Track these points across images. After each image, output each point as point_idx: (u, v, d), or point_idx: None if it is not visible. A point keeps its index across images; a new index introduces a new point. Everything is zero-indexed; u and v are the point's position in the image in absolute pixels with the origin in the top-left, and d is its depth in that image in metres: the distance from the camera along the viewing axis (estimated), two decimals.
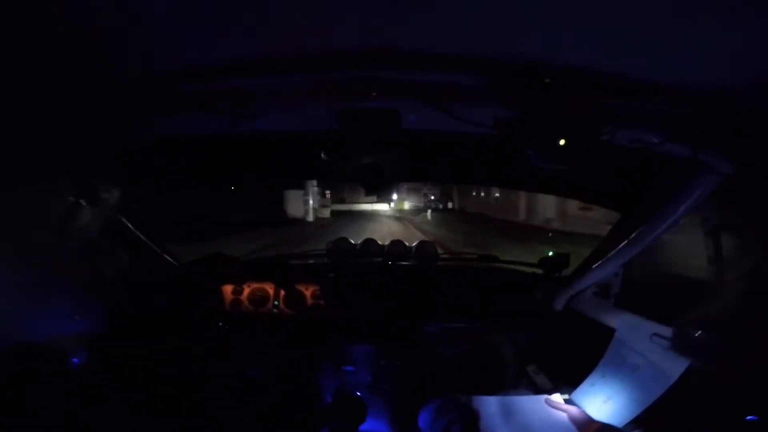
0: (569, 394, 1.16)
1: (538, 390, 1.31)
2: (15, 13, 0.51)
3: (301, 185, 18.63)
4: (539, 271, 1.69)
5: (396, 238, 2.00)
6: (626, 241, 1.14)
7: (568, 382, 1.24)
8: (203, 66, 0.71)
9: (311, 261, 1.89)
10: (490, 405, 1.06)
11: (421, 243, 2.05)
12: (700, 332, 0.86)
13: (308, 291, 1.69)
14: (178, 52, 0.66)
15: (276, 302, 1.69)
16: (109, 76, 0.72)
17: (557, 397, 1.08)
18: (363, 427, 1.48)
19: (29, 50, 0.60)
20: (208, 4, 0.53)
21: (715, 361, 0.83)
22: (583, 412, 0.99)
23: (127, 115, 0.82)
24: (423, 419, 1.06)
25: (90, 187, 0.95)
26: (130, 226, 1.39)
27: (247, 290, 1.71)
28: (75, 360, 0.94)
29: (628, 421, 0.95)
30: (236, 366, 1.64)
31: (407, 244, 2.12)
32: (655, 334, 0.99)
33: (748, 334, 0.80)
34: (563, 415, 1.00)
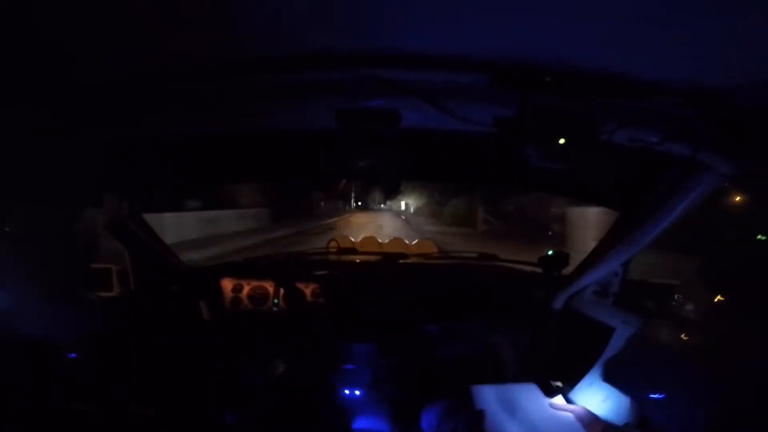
0: (569, 393, 1.16)
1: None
2: (15, 12, 0.51)
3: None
4: (538, 270, 1.69)
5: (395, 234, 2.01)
6: (626, 241, 1.14)
7: (568, 380, 1.24)
8: (204, 66, 0.71)
9: (311, 259, 1.89)
10: (495, 405, 1.06)
11: (421, 242, 2.05)
12: (699, 332, 0.86)
13: (308, 289, 1.69)
14: (179, 52, 0.66)
15: (276, 300, 1.70)
16: (110, 75, 0.72)
17: (561, 399, 1.09)
18: (363, 425, 1.49)
19: (29, 50, 0.60)
20: (208, 3, 0.53)
21: (714, 359, 0.84)
22: (589, 411, 0.99)
23: (127, 115, 0.82)
24: (427, 420, 1.06)
25: (91, 186, 0.95)
26: (131, 224, 1.39)
27: (247, 288, 1.71)
28: (72, 356, 0.94)
29: (627, 419, 0.96)
30: (235, 364, 1.64)
31: (407, 242, 2.12)
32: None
33: (748, 333, 0.80)
34: (569, 415, 1.01)
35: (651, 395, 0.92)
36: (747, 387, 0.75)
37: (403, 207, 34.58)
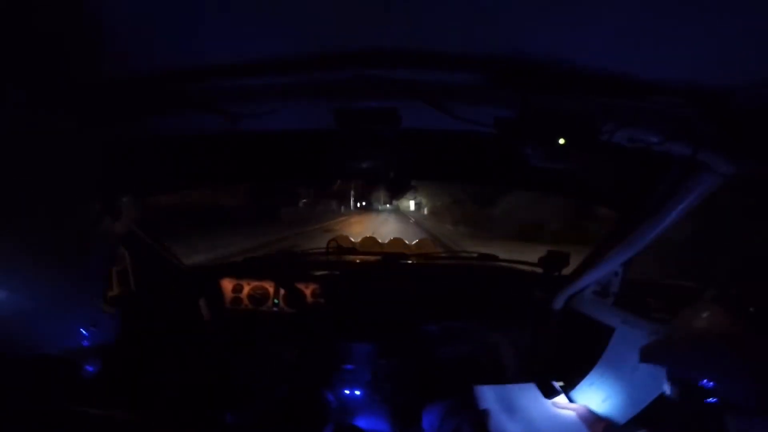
0: (569, 393, 1.16)
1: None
2: (16, 12, 0.51)
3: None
4: (538, 270, 1.69)
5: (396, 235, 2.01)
6: (626, 241, 1.14)
7: (568, 380, 1.24)
8: (203, 66, 0.71)
9: (311, 259, 1.89)
10: (496, 405, 1.06)
11: (421, 241, 2.05)
12: (699, 331, 0.86)
13: (308, 289, 1.69)
14: (179, 52, 0.66)
15: (276, 301, 1.70)
16: (109, 75, 0.72)
17: (563, 398, 1.09)
18: (364, 425, 1.49)
19: (30, 50, 0.60)
20: (208, 3, 0.53)
21: (714, 358, 0.84)
22: (590, 411, 0.99)
23: (127, 115, 0.82)
24: (429, 420, 1.06)
25: (91, 187, 0.95)
26: (135, 229, 1.39)
27: (247, 288, 1.71)
28: (89, 368, 0.94)
29: (627, 419, 0.96)
30: (235, 364, 1.64)
31: (407, 242, 2.12)
32: (654, 333, 0.99)
33: (747, 332, 0.80)
34: (571, 414, 1.01)
35: (654, 394, 0.92)
36: (749, 387, 0.75)
37: (412, 207, 32.56)
